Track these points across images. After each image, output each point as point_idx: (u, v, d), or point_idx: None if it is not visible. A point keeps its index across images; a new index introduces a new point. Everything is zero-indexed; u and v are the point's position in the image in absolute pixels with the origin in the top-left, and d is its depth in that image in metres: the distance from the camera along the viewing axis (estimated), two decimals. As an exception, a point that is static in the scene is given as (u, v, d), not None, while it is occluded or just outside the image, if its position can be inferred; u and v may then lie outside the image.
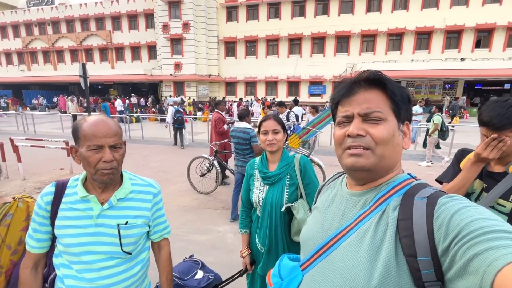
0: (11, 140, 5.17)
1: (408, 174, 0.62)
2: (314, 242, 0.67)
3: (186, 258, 2.26)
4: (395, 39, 21.10)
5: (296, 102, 8.77)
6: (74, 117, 11.06)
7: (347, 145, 0.60)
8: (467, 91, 21.38)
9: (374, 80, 0.60)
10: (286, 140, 1.56)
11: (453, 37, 20.15)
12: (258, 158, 1.55)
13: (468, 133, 9.12)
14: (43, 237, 0.97)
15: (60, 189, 0.97)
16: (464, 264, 0.41)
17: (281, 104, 5.43)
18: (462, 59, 18.94)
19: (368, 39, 21.55)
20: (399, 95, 0.59)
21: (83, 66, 4.69)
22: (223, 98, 21.41)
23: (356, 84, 0.61)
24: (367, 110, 0.58)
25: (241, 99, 19.33)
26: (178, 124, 8.07)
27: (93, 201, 0.95)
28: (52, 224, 0.95)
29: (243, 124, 3.66)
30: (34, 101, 23.43)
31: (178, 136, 8.47)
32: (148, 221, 1.06)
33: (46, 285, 1.01)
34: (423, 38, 20.63)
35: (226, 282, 1.76)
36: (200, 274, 2.01)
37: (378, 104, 0.58)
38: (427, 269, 0.47)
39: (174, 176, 5.50)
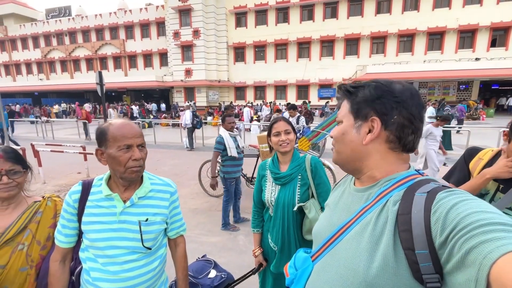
0: (32, 146, 5.43)
1: (415, 170, 0.64)
2: (323, 235, 0.72)
3: (199, 258, 2.32)
4: (406, 40, 20.81)
5: (293, 107, 9.30)
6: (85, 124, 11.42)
7: None
8: (483, 92, 20.76)
9: (343, 90, 0.71)
10: (296, 143, 1.60)
11: (466, 36, 19.68)
12: (269, 160, 1.60)
13: (484, 135, 8.82)
14: (71, 232, 1.05)
15: (86, 187, 1.05)
16: (461, 257, 0.42)
17: (293, 107, 5.46)
18: (477, 59, 18.44)
19: (378, 41, 21.35)
20: (361, 95, 0.65)
21: (100, 74, 4.92)
22: (231, 102, 21.61)
23: (339, 96, 0.74)
24: (338, 116, 0.73)
25: (250, 103, 19.48)
26: (194, 128, 8.51)
27: (116, 199, 1.02)
28: (79, 220, 1.02)
29: (220, 130, 3.57)
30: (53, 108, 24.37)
31: (188, 140, 8.71)
32: (166, 218, 1.13)
33: (73, 277, 1.09)
34: (435, 38, 20.25)
35: (239, 281, 1.80)
36: (213, 273, 2.07)
37: (341, 110, 0.71)
38: (425, 262, 0.49)
39: (185, 179, 5.61)
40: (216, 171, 4.44)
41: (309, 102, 17.49)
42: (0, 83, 30.05)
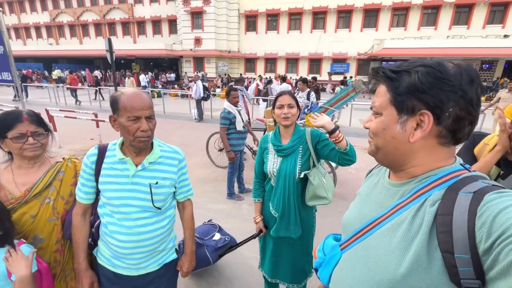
0: (47, 111, 5.60)
1: (461, 164, 0.58)
2: (353, 226, 0.72)
3: (205, 222, 2.51)
4: (430, 12, 19.33)
5: (283, 79, 10.18)
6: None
7: None
8: (508, 72, 19.56)
9: (381, 75, 0.60)
10: (299, 117, 1.63)
11: (498, 10, 18.08)
12: (271, 133, 1.65)
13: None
14: (89, 190, 1.16)
15: (102, 151, 1.14)
16: (507, 265, 0.40)
17: (305, 81, 5.34)
18: (505, 36, 17.12)
19: (400, 13, 19.92)
20: (406, 84, 0.55)
21: (109, 40, 4.88)
22: (240, 75, 21.19)
23: (373, 80, 0.64)
24: (372, 104, 0.63)
25: (260, 76, 19.07)
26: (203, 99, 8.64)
27: (129, 163, 1.11)
28: (96, 180, 1.13)
29: (225, 103, 3.51)
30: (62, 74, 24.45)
31: (197, 111, 8.78)
32: (174, 182, 1.22)
33: (93, 229, 1.23)
34: (463, 11, 18.72)
35: (241, 243, 1.96)
36: (217, 236, 2.25)
37: (379, 98, 0.61)
38: (465, 266, 0.46)
39: (194, 149, 5.76)
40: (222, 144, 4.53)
41: (350, 77, 16.44)
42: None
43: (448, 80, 0.51)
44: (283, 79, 10.86)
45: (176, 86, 18.89)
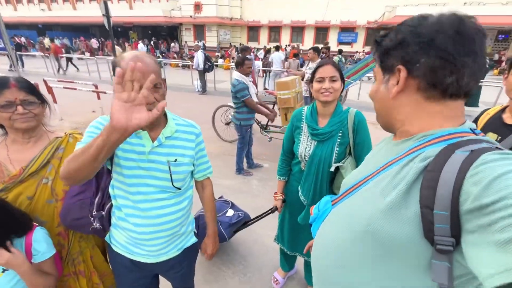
0: (45, 82, 5.36)
1: (470, 128, 0.53)
2: (348, 184, 0.72)
3: (216, 199, 2.45)
4: (449, -25, 17.83)
5: (277, 48, 10.26)
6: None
7: None
8: (524, 43, 18.54)
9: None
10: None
11: (522, -27, 16.64)
12: (306, 108, 1.45)
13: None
14: None
15: None
16: (503, 241, 0.37)
17: (316, 49, 4.89)
18: (527, 3, 15.95)
19: (416, -24, 18.38)
20: (384, 45, 0.58)
21: (105, 4, 4.45)
22: (241, 44, 20.24)
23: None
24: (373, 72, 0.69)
25: (264, 47, 18.18)
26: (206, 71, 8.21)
27: (145, 137, 0.98)
28: None
29: (235, 74, 3.24)
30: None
31: (200, 83, 8.46)
32: (193, 160, 1.10)
33: (103, 212, 1.11)
34: (484, -26, 17.25)
35: (257, 219, 1.90)
36: (231, 212, 2.19)
37: (376, 64, 0.63)
38: (442, 223, 0.44)
39: (199, 123, 5.56)
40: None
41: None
42: (1, 12, 28.48)
43: (416, 31, 0.52)
44: (277, 48, 10.57)
45: (176, 56, 18.11)
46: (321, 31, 21.59)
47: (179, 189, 1.05)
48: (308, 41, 21.81)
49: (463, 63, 0.49)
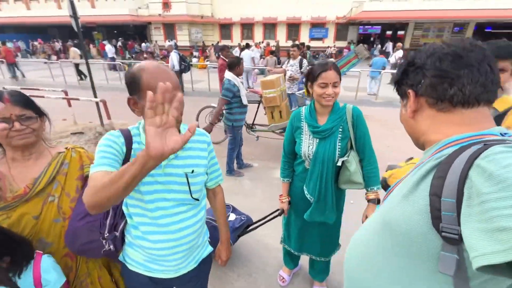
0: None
1: (500, 133, 0.54)
2: None
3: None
4: (409, -28, 18.87)
5: (247, 46, 10.34)
6: (77, 65, 10.34)
7: None
8: (476, 35, 20.26)
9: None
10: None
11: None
12: (304, 109, 1.49)
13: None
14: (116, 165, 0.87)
15: (128, 136, 0.94)
16: (494, 228, 0.38)
17: (297, 46, 4.85)
18: (478, -4, 17.39)
19: (379, -28, 19.23)
20: (400, 69, 0.68)
21: (72, 3, 4.11)
22: (217, 42, 19.95)
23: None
24: None
25: (239, 44, 18.08)
26: (182, 72, 7.93)
27: None
28: None
29: (228, 75, 3.15)
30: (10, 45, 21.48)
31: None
32: (206, 168, 1.08)
33: (116, 233, 1.05)
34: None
35: (261, 223, 1.90)
36: (232, 216, 2.17)
37: None
38: (449, 211, 0.47)
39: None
40: (219, 119, 4.27)
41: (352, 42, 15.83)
42: None
43: (412, 62, 0.64)
44: (247, 46, 10.47)
45: (147, 56, 17.37)
46: (293, 27, 21.90)
47: (198, 200, 1.03)
48: (281, 36, 22.02)
49: (459, 75, 0.56)
